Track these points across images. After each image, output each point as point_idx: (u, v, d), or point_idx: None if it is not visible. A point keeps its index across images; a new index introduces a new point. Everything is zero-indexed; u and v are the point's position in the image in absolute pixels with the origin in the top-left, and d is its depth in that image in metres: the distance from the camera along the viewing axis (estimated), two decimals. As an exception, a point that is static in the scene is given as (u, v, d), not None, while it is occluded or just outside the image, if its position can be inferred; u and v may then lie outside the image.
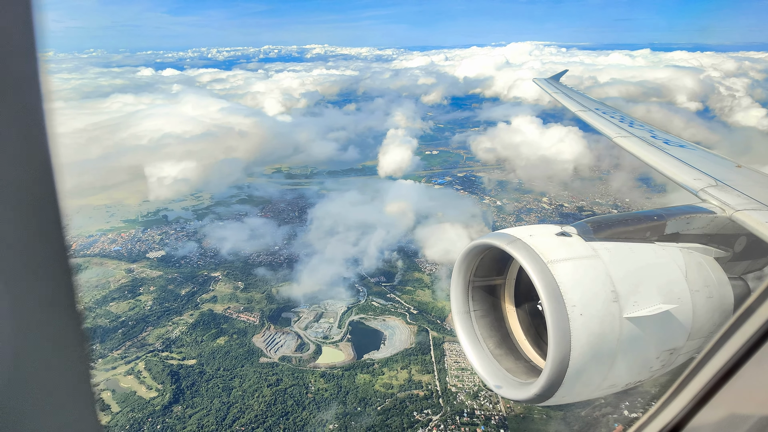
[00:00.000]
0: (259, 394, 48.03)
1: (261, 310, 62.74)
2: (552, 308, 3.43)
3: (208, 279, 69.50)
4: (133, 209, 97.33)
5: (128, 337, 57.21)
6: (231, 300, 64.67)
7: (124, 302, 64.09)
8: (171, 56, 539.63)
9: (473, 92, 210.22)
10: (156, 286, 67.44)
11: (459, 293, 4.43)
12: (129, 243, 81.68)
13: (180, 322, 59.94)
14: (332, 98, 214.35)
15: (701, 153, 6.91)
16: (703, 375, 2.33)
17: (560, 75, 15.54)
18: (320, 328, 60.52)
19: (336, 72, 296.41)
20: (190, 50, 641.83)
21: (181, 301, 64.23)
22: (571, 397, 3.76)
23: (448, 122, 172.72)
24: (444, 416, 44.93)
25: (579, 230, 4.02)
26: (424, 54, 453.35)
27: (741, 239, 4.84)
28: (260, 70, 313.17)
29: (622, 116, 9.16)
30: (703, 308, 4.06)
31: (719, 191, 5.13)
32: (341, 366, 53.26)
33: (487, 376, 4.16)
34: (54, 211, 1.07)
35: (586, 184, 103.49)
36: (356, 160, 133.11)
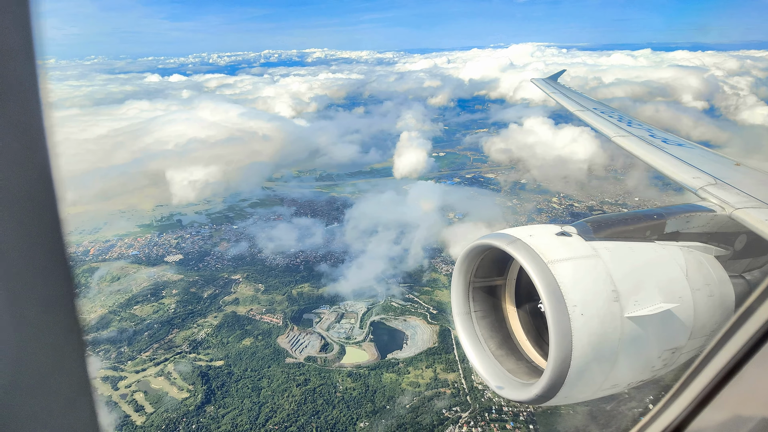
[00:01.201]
0: (289, 393, 48.37)
1: (283, 312, 63.05)
2: (553, 308, 3.42)
3: (229, 281, 69.79)
4: (147, 214, 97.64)
5: (155, 339, 57.79)
6: (253, 302, 65.01)
7: (147, 305, 64.68)
8: (173, 62, 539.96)
9: (478, 94, 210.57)
10: (178, 289, 67.84)
11: (459, 294, 4.41)
12: (146, 247, 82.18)
13: (205, 324, 60.44)
14: (340, 102, 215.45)
15: (700, 151, 6.88)
16: (705, 375, 2.32)
17: (558, 75, 15.48)
18: (342, 329, 60.83)
19: (341, 76, 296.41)
20: (191, 55, 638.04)
21: (204, 304, 64.74)
22: (573, 398, 3.73)
23: (455, 124, 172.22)
24: (473, 413, 45.10)
25: (579, 230, 4.01)
26: (425, 57, 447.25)
27: (741, 237, 4.81)
28: (266, 75, 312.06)
29: (620, 116, 9.14)
30: (704, 307, 4.04)
31: (718, 189, 5.10)
32: (367, 365, 53.47)
33: (488, 377, 4.15)
34: (53, 213, 1.07)
35: (599, 184, 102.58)
36: (367, 162, 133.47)
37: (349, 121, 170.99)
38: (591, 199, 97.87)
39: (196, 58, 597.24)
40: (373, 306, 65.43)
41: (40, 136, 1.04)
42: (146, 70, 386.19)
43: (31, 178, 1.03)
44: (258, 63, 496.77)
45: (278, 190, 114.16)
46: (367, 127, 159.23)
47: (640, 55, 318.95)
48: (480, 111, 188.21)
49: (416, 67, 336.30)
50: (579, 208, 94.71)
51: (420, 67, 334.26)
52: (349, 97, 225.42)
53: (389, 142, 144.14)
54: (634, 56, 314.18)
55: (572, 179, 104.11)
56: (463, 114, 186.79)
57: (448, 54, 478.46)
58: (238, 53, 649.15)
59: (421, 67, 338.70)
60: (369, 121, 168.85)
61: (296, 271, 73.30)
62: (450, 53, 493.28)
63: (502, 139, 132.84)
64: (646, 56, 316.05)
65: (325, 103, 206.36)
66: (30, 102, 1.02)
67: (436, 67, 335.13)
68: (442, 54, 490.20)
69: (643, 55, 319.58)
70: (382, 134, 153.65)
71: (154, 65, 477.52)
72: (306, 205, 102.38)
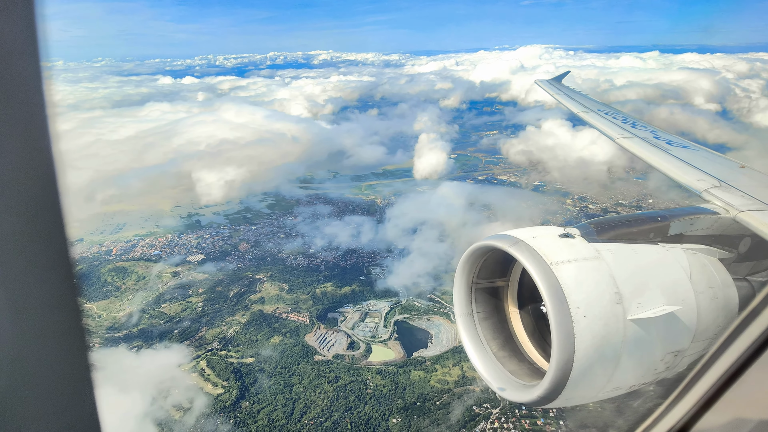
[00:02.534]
0: (321, 390, 48.94)
1: (308, 311, 63.71)
2: (555, 310, 3.39)
3: (254, 281, 70.61)
4: (166, 214, 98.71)
5: (185, 337, 58.72)
6: (278, 301, 65.79)
7: (175, 304, 65.62)
8: (180, 64, 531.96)
9: (490, 96, 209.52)
10: (204, 288, 68.83)
11: (462, 295, 4.37)
12: (168, 247, 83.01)
13: (233, 322, 61.35)
14: (353, 104, 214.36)
15: (704, 154, 6.75)
16: (708, 378, 2.29)
17: (562, 76, 15.24)
18: (367, 328, 61.31)
19: (352, 78, 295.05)
20: (197, 57, 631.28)
21: (230, 302, 65.61)
22: (575, 400, 3.69)
23: (467, 126, 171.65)
24: (503, 409, 45.22)
25: (582, 232, 3.97)
26: (431, 58, 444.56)
27: (745, 240, 4.73)
28: (276, 77, 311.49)
29: (624, 117, 9.02)
30: (707, 310, 3.97)
31: (723, 192, 5.01)
32: (394, 363, 53.92)
33: (490, 379, 4.10)
34: (56, 213, 1.08)
35: (617, 186, 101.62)
36: (385, 163, 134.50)
37: (368, 122, 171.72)
38: (606, 201, 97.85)
39: (203, 60, 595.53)
40: (395, 306, 65.79)
41: (43, 136, 1.04)
42: (155, 72, 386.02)
43: (34, 178, 1.03)
44: (264, 65, 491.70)
45: (305, 190, 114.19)
46: (386, 128, 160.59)
47: (648, 58, 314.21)
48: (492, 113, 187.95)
49: (425, 70, 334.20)
50: (594, 209, 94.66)
51: (429, 69, 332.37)
52: (362, 100, 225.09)
53: (406, 143, 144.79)
54: (643, 59, 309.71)
55: (591, 181, 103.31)
56: (475, 116, 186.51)
57: (454, 56, 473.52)
58: (244, 55, 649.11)
59: (431, 69, 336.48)
60: (387, 123, 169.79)
61: (317, 271, 73.83)
62: (456, 55, 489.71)
63: (520, 141, 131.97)
64: (654, 59, 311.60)
65: (340, 105, 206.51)
66: (34, 102, 1.02)
67: (446, 69, 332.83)
68: (449, 56, 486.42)
69: (651, 58, 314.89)
70: (400, 136, 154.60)
71: (162, 67, 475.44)
72: (331, 205, 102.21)
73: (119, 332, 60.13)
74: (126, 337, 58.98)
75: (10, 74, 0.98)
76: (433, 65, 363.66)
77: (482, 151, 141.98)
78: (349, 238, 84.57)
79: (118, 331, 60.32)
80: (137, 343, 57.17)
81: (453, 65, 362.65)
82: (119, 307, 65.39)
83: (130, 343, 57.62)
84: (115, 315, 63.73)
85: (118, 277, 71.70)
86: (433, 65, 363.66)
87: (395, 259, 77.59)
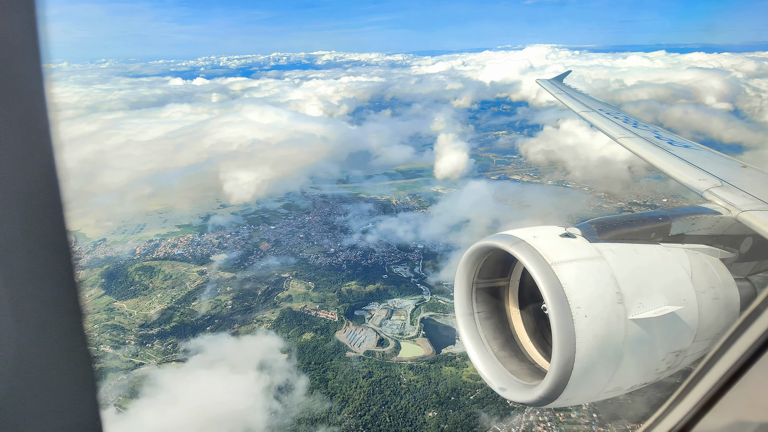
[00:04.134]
0: (356, 385, 49.57)
1: (336, 308, 64.23)
2: (556, 310, 3.36)
3: (280, 279, 71.22)
4: (185, 214, 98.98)
5: (217, 334, 59.87)
6: (305, 299, 66.35)
7: (205, 301, 66.39)
8: (184, 65, 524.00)
9: (500, 96, 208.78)
10: (232, 287, 69.66)
11: (462, 295, 4.33)
12: (190, 247, 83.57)
13: (264, 319, 61.96)
14: (366, 104, 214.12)
15: (706, 153, 6.66)
16: (709, 378, 2.26)
17: (563, 76, 15.06)
18: (394, 325, 61.70)
19: (363, 79, 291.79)
20: (200, 58, 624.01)
21: (259, 300, 66.33)
22: (576, 399, 3.66)
23: (476, 127, 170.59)
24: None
25: (583, 231, 3.93)
26: (436, 59, 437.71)
27: (747, 240, 4.67)
28: (286, 78, 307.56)
29: (626, 117, 8.88)
30: (709, 309, 3.92)
31: (724, 192, 4.95)
32: (424, 359, 54.27)
33: (491, 378, 4.06)
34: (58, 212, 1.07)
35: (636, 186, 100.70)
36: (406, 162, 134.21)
37: (386, 123, 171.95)
38: (620, 201, 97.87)
39: (206, 61, 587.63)
40: (419, 303, 66.02)
41: (44, 136, 1.04)
42: (161, 74, 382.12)
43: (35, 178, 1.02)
44: (269, 65, 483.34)
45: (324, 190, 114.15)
46: (404, 129, 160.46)
47: (655, 57, 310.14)
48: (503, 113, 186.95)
49: (433, 70, 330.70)
50: (608, 209, 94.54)
51: (437, 70, 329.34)
52: (373, 100, 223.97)
53: (424, 143, 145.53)
54: (650, 58, 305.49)
55: (609, 180, 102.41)
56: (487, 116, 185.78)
57: (458, 56, 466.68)
58: (247, 56, 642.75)
59: (439, 69, 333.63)
60: (404, 124, 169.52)
61: (340, 270, 74.22)
62: (460, 55, 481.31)
63: (538, 141, 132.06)
64: (661, 58, 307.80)
65: (354, 105, 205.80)
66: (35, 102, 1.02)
67: (453, 69, 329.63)
68: (453, 56, 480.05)
69: (658, 57, 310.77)
70: (417, 136, 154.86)
71: (167, 68, 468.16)
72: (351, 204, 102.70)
73: (152, 329, 61.26)
74: (159, 334, 60.11)
75: (11, 74, 0.97)
76: (440, 66, 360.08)
77: (492, 152, 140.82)
78: (369, 238, 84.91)
79: (151, 329, 61.42)
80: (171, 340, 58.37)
81: (460, 65, 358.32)
82: (149, 305, 66.29)
83: (165, 340, 58.83)
84: (146, 313, 64.72)
85: (146, 276, 72.55)
86: (440, 66, 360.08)
87: (417, 257, 78.30)
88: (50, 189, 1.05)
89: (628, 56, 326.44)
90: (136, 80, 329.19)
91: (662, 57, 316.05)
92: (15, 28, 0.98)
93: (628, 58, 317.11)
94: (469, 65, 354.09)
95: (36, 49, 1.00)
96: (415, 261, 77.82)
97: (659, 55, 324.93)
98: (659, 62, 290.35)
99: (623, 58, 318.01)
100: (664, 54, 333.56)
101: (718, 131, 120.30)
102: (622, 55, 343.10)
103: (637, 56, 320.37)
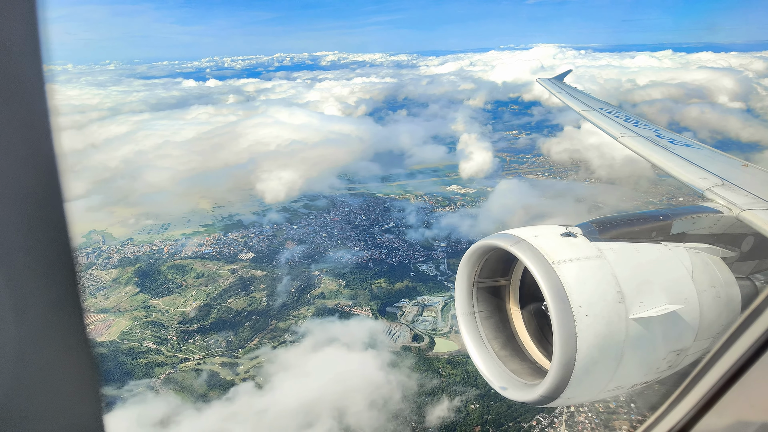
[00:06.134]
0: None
1: (368, 305, 64.77)
2: (557, 309, 3.32)
3: (311, 277, 71.71)
4: (208, 215, 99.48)
5: (257, 329, 60.50)
6: (337, 296, 66.88)
7: (240, 299, 67.27)
8: (189, 66, 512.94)
9: (512, 96, 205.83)
10: (265, 284, 70.30)
11: (463, 294, 4.29)
12: (216, 246, 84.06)
13: (299, 315, 62.64)
14: (381, 105, 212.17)
15: (707, 152, 6.54)
16: (710, 377, 2.23)
17: (564, 75, 14.99)
18: (426, 321, 61.84)
19: (376, 80, 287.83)
20: (204, 59, 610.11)
21: (293, 297, 66.99)
22: (577, 398, 3.62)
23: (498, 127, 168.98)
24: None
25: (584, 231, 3.88)
26: (441, 59, 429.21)
27: (748, 239, 4.59)
28: (298, 79, 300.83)
29: (627, 116, 8.70)
30: (710, 309, 3.85)
31: (726, 190, 4.87)
32: (460, 354, 54.07)
33: (492, 378, 4.01)
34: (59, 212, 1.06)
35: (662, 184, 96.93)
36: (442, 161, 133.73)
37: (411, 123, 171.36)
38: (636, 200, 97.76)
39: (210, 62, 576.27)
40: (448, 300, 65.59)
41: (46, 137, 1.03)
42: (169, 75, 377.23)
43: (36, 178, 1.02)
44: (273, 66, 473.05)
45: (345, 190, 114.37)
46: (427, 129, 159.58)
47: (663, 57, 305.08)
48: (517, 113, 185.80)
49: (443, 70, 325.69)
50: (626, 207, 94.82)
51: (447, 70, 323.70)
52: (387, 101, 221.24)
53: (445, 142, 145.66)
54: (658, 58, 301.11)
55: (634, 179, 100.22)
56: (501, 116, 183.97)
57: (463, 55, 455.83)
58: (251, 57, 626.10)
59: (448, 70, 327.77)
60: (427, 124, 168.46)
61: (367, 268, 74.47)
62: (465, 55, 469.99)
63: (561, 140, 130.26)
64: (669, 57, 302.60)
65: (371, 106, 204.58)
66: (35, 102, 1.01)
67: (463, 70, 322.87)
68: (458, 55, 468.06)
69: (665, 57, 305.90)
70: (438, 136, 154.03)
71: (172, 69, 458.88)
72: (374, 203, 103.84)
73: (191, 326, 62.47)
74: (199, 330, 61.29)
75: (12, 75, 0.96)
76: (449, 66, 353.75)
77: (506, 151, 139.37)
78: (393, 237, 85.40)
79: (190, 325, 62.61)
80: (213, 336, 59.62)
81: (468, 66, 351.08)
82: (185, 303, 67.24)
83: (206, 336, 60.00)
84: (183, 310, 65.86)
85: (178, 275, 73.22)
86: (449, 66, 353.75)
87: (441, 256, 78.57)
88: (51, 189, 1.05)
89: (636, 56, 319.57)
90: (149, 82, 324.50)
91: (670, 56, 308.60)
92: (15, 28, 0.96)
93: (636, 57, 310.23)
94: (477, 65, 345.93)
95: (37, 49, 0.99)
96: (439, 259, 78.19)
97: (666, 55, 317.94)
98: (667, 62, 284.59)
99: (631, 58, 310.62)
100: (671, 53, 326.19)
101: (736, 130, 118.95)
102: (629, 55, 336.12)
103: (644, 56, 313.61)
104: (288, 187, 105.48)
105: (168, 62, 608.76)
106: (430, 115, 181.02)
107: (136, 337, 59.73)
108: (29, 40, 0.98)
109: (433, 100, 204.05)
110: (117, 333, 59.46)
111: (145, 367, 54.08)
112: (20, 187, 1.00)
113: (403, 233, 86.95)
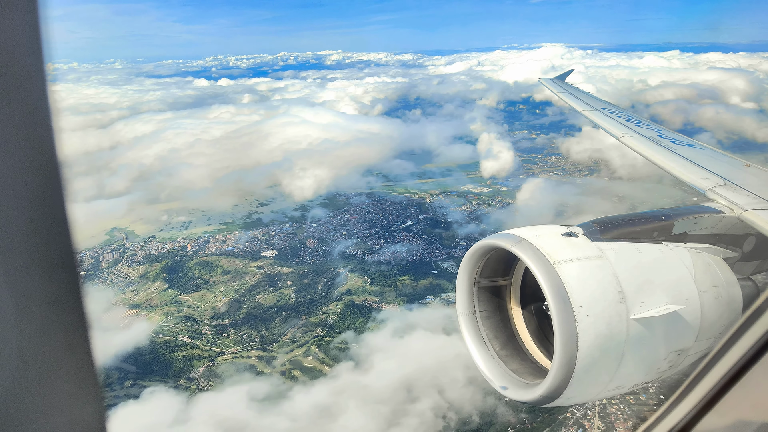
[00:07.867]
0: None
1: (395, 301, 64.91)
2: (558, 309, 3.29)
3: (336, 274, 72.02)
4: (227, 212, 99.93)
5: (289, 324, 61.00)
6: (364, 292, 67.13)
7: (269, 294, 67.86)
8: (194, 65, 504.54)
9: (524, 96, 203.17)
10: (292, 281, 70.86)
11: (464, 294, 4.25)
12: (239, 243, 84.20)
13: (329, 311, 63.16)
14: (395, 104, 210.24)
15: (709, 152, 6.45)
16: (710, 377, 2.20)
17: (566, 75, 14.75)
18: (453, 317, 63.72)
19: (388, 80, 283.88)
20: (208, 58, 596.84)
21: (321, 293, 67.45)
22: (578, 398, 3.59)
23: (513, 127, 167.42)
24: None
25: (585, 230, 3.84)
26: (446, 58, 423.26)
27: (750, 239, 4.53)
28: (308, 78, 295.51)
29: (629, 116, 8.59)
30: (711, 309, 3.80)
31: (727, 191, 4.81)
32: None
33: (492, 378, 3.97)
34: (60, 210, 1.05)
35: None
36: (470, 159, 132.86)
37: (431, 123, 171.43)
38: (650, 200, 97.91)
39: (215, 60, 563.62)
40: None
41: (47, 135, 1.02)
42: (177, 74, 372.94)
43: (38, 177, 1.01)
44: (278, 65, 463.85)
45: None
46: (447, 128, 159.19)
47: (671, 57, 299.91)
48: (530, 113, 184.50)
49: (452, 70, 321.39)
50: (643, 207, 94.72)
51: (456, 70, 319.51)
52: (401, 100, 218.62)
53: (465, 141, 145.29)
54: (666, 58, 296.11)
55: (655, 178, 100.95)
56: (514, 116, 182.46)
57: (468, 55, 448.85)
58: (255, 56, 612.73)
59: (458, 69, 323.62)
60: (447, 123, 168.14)
61: (388, 265, 74.42)
62: (469, 54, 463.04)
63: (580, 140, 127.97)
64: (677, 58, 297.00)
65: (387, 106, 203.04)
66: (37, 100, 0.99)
67: (472, 70, 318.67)
68: (463, 55, 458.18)
69: (674, 57, 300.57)
70: (457, 135, 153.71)
71: (178, 68, 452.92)
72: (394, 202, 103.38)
73: (224, 320, 63.48)
74: (232, 324, 62.32)
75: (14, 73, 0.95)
76: (458, 66, 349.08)
77: (519, 151, 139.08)
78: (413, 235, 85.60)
79: (222, 320, 63.70)
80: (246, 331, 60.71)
81: (477, 66, 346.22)
82: (214, 298, 68.14)
83: (240, 330, 61.05)
84: (213, 305, 66.89)
85: (205, 271, 73.75)
86: (458, 66, 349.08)
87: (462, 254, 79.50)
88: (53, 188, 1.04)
89: (644, 56, 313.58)
90: (160, 81, 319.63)
91: (678, 57, 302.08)
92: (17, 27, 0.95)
93: (644, 58, 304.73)
94: (486, 65, 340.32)
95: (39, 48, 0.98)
96: (459, 257, 78.58)
97: (674, 55, 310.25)
98: (676, 62, 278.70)
99: (639, 58, 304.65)
100: (678, 54, 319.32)
101: (751, 131, 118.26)
102: (636, 55, 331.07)
103: (653, 56, 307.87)
104: (318, 184, 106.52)
105: (173, 61, 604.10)
106: (446, 114, 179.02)
107: (171, 331, 60.74)
108: (31, 39, 0.97)
109: (446, 99, 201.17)
110: (151, 327, 60.43)
111: (183, 360, 55.15)
112: (22, 186, 1.00)
113: (426, 231, 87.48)
